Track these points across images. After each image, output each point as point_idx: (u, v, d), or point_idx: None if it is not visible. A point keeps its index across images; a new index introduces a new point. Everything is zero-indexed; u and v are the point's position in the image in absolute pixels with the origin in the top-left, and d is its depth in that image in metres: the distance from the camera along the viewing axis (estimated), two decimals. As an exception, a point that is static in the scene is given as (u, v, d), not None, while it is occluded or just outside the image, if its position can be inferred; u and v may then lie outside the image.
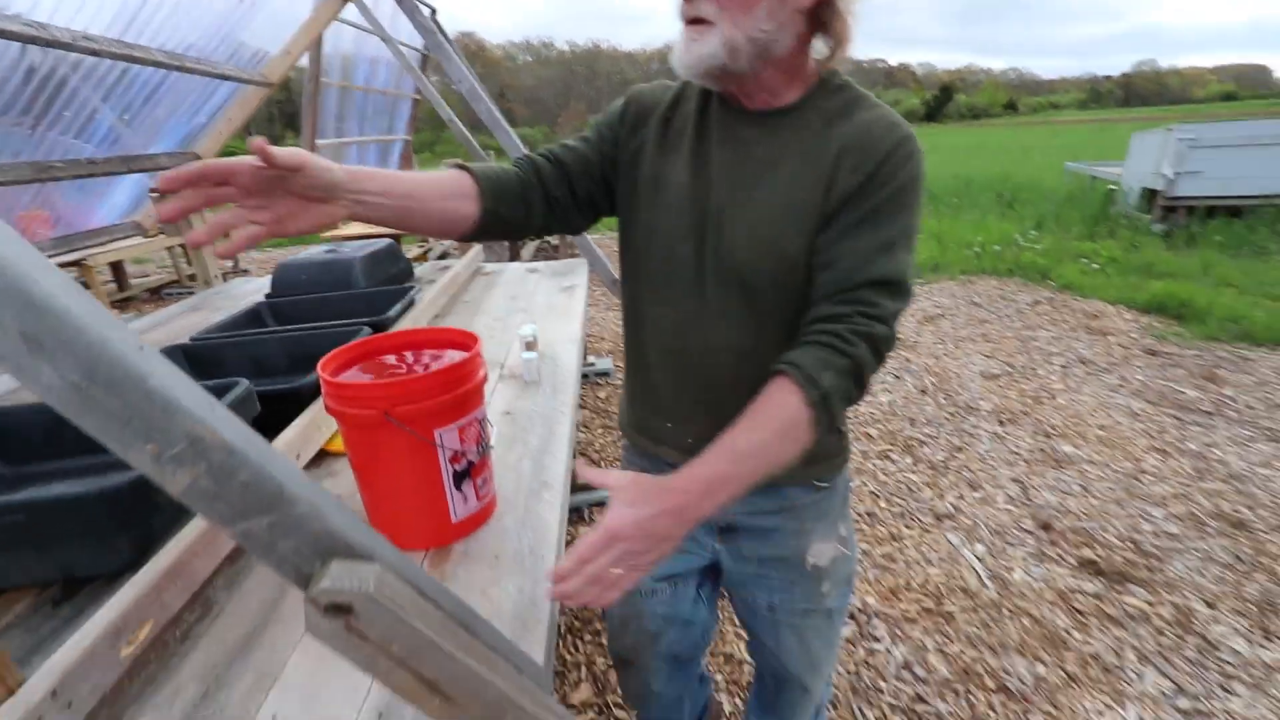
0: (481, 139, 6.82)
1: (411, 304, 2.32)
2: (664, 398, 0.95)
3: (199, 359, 1.74)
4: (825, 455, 0.93)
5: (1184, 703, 1.51)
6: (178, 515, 1.07)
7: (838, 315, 0.74)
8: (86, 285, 5.55)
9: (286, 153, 0.65)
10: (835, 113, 0.80)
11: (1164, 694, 1.54)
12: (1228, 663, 1.61)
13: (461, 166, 0.83)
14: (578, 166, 0.90)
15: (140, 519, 1.01)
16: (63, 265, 5.21)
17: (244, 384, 1.31)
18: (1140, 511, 2.18)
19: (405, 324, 2.14)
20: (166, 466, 0.51)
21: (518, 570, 1.06)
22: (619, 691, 1.58)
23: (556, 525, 1.17)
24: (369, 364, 1.16)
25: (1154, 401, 2.96)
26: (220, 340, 1.84)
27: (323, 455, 1.45)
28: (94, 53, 2.10)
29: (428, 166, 9.31)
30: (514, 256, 5.56)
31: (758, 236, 0.80)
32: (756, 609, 1.06)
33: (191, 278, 6.93)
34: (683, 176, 0.85)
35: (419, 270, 3.23)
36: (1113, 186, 7.56)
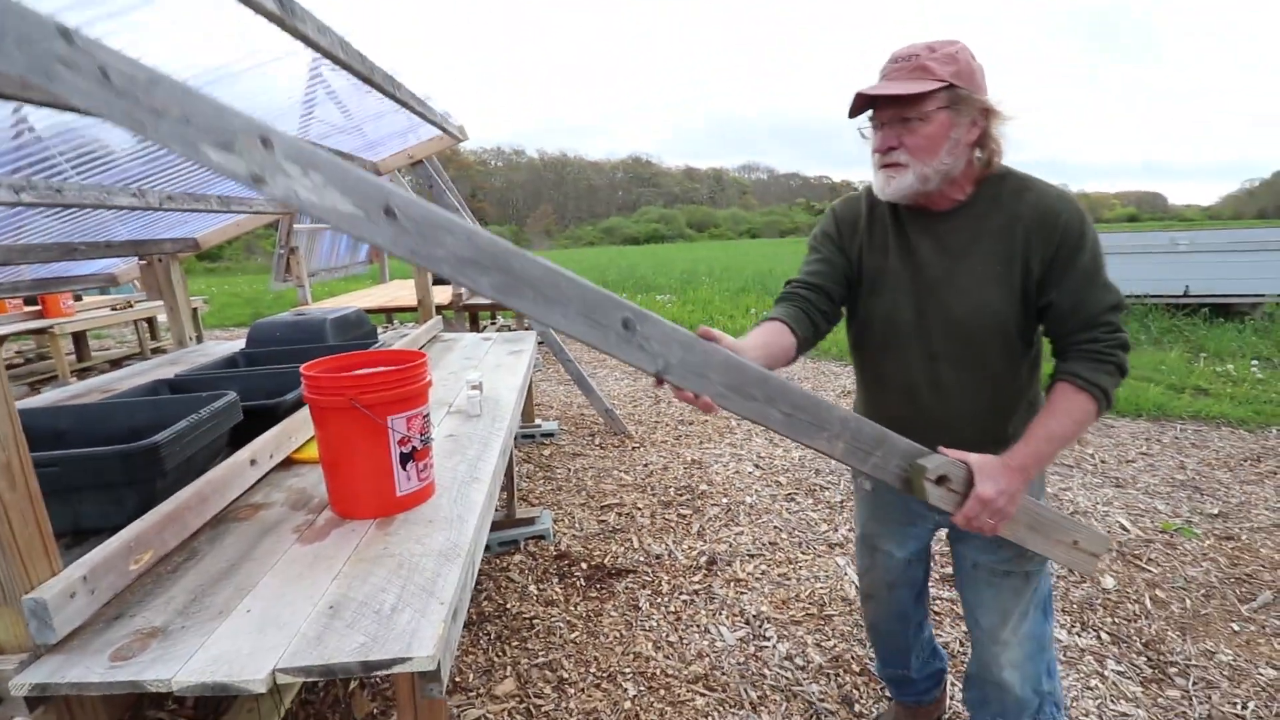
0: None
1: (373, 356, 2.65)
2: (900, 420, 1.12)
3: (183, 390, 2.02)
4: None
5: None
6: (175, 485, 1.33)
7: (1093, 338, 1.05)
8: (48, 355, 5.65)
9: (717, 334, 0.94)
10: (1007, 196, 1.10)
11: (996, 672, 1.84)
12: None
13: (768, 317, 1.18)
14: (831, 280, 1.22)
15: (146, 480, 1.28)
16: (28, 333, 5.34)
17: (232, 395, 1.61)
18: (998, 538, 2.54)
19: (367, 371, 2.46)
20: (834, 443, 0.99)
21: (446, 528, 1.35)
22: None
23: (482, 502, 1.47)
24: (342, 371, 1.49)
25: (1025, 457, 3.41)
26: (203, 376, 2.13)
27: (290, 462, 1.72)
28: (175, 209, 2.52)
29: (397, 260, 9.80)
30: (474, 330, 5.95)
31: (971, 299, 1.11)
32: (964, 565, 1.32)
33: (156, 350, 7.04)
34: (896, 265, 1.18)
35: (383, 337, 3.57)
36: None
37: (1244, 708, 1.69)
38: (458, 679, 1.84)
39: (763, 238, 64.89)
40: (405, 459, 1.42)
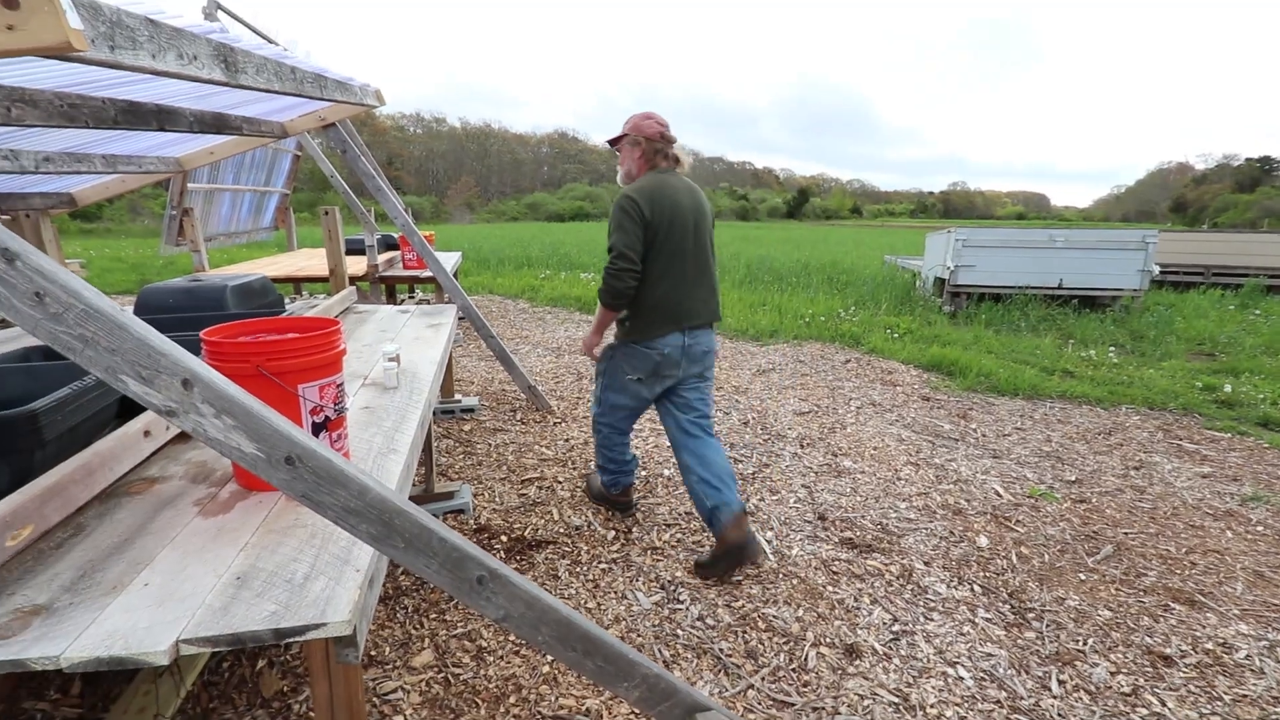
0: (365, 201, 7.01)
1: (280, 327, 2.51)
2: None
3: (60, 358, 1.85)
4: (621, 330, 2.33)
5: (897, 628, 2.01)
6: (57, 458, 1.24)
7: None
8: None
9: None
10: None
11: (884, 623, 2.03)
12: (931, 600, 2.15)
13: None
14: None
15: (23, 451, 1.18)
16: None
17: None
18: (891, 505, 2.77)
19: (273, 342, 2.34)
20: (632, 691, 1.15)
21: (363, 498, 1.33)
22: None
23: (399, 473, 1.46)
24: (247, 337, 1.42)
25: (918, 432, 3.71)
26: None
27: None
28: (53, 171, 2.22)
29: (308, 227, 9.18)
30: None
31: None
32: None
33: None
34: None
35: (291, 307, 3.37)
36: (914, 274, 9.13)
37: (1084, 644, 1.96)
38: (373, 653, 1.83)
39: (687, 220, 65.31)
40: (318, 429, 1.38)
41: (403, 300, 7.55)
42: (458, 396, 3.87)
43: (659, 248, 2.13)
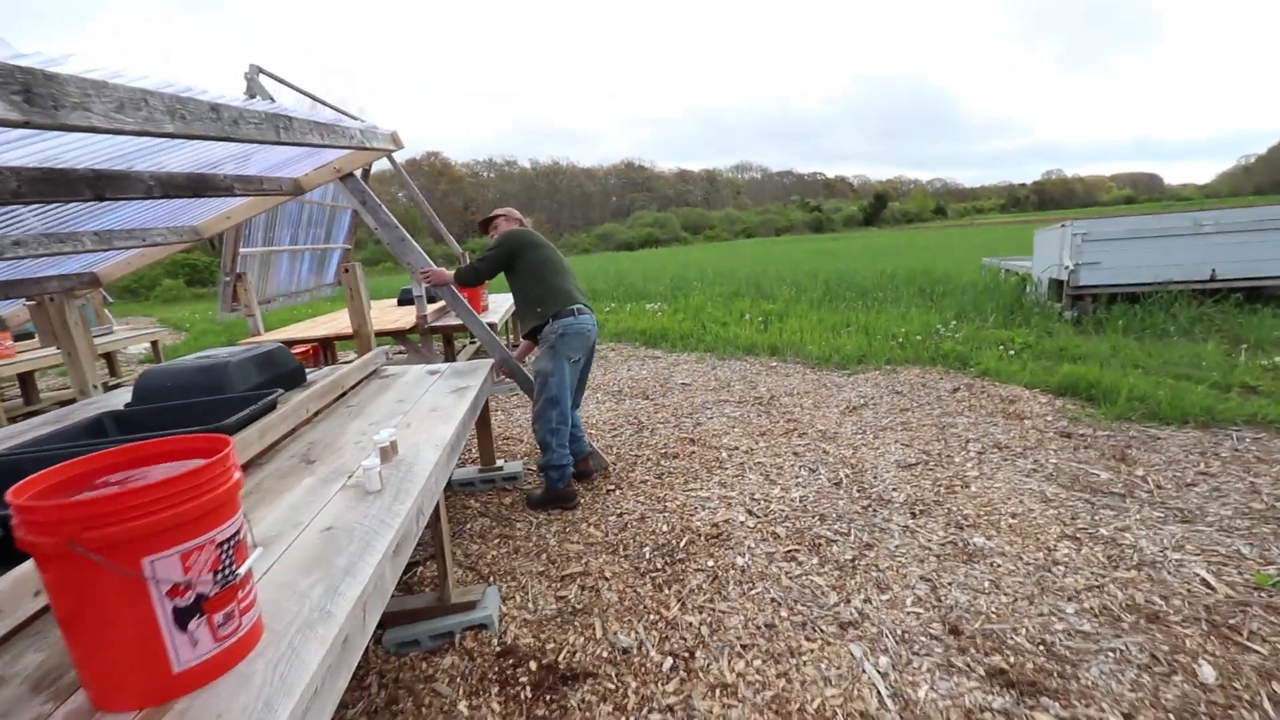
0: (441, 249, 6.88)
1: (270, 409, 2.17)
2: None
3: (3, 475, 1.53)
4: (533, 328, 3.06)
5: (1102, 840, 1.31)
6: None
7: None
8: (-25, 402, 5.15)
9: None
10: None
11: (1079, 830, 1.33)
12: (1147, 784, 1.43)
13: None
14: None
15: None
16: (-54, 382, 4.85)
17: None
18: (1053, 608, 2.03)
19: (253, 432, 1.97)
20: None
21: (238, 731, 0.85)
22: None
23: (314, 667, 0.98)
24: (88, 488, 0.99)
25: (1066, 485, 2.90)
26: (39, 454, 1.64)
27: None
28: (29, 255, 2.03)
29: (383, 278, 9.31)
30: (450, 359, 5.44)
31: None
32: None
33: (113, 387, 6.56)
34: None
35: (312, 376, 3.07)
36: (1022, 277, 8.03)
37: None
38: None
39: (757, 236, 64.62)
40: (185, 616, 0.93)
41: (462, 348, 7.36)
42: (500, 462, 3.44)
43: (540, 261, 3.03)
